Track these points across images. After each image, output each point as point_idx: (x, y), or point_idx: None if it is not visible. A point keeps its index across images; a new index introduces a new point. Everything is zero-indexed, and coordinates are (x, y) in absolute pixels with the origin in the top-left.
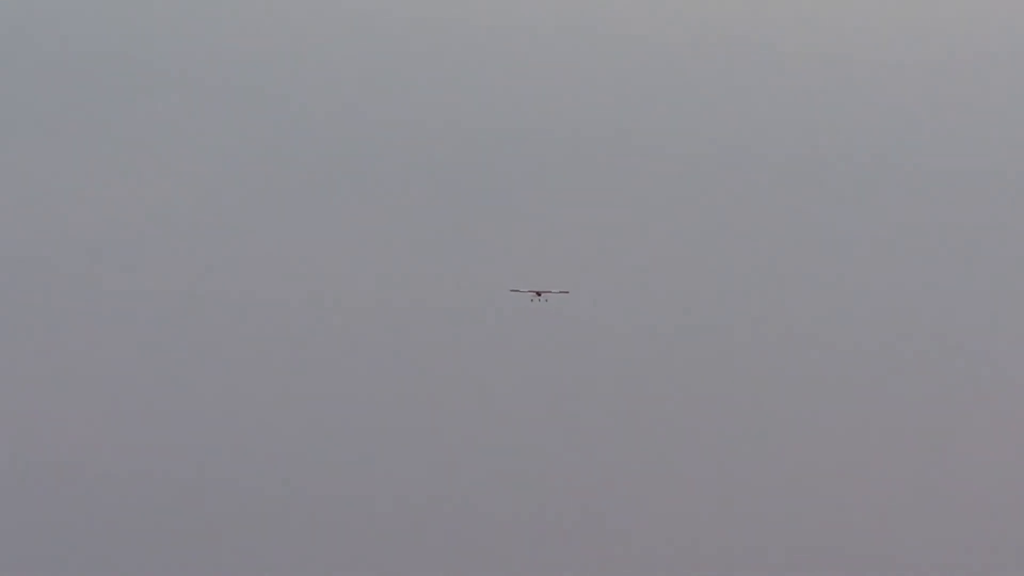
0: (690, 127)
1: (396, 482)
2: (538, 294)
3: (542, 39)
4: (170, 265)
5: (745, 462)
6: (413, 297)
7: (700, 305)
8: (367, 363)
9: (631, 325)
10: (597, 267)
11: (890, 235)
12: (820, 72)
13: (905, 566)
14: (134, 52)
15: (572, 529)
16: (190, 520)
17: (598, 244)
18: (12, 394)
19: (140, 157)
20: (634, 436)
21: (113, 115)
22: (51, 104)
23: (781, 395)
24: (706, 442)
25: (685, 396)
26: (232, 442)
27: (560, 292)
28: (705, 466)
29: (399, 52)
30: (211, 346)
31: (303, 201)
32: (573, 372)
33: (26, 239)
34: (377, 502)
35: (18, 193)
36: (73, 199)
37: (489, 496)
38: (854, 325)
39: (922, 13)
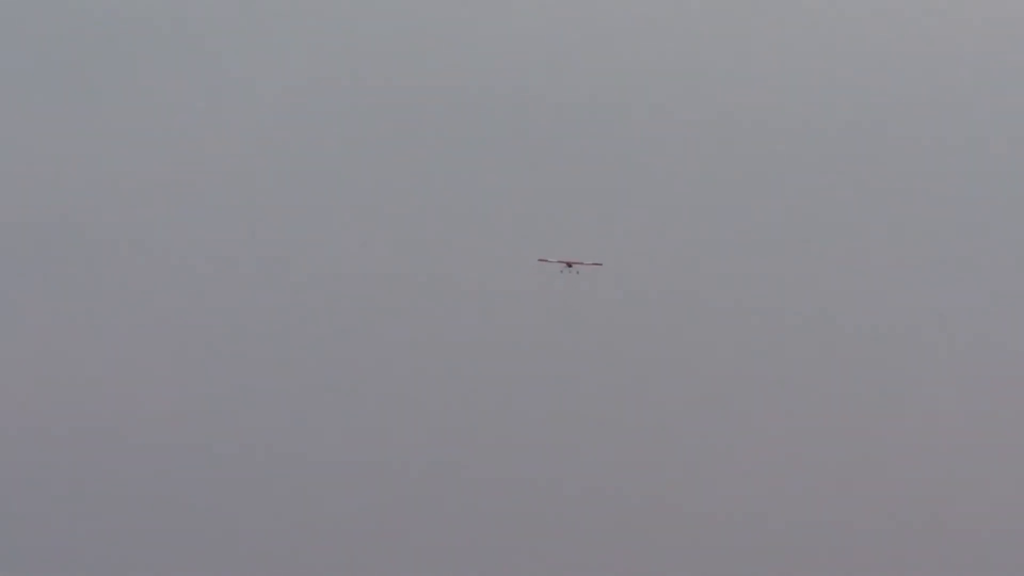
0: (737, 92)
1: (413, 461)
2: (569, 265)
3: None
4: (187, 238)
5: (786, 444)
6: (429, 266)
7: (746, 283)
8: (379, 339)
9: (669, 302)
10: (634, 238)
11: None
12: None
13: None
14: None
15: (595, 514)
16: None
17: (636, 212)
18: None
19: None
20: (667, 420)
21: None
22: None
23: (822, 375)
24: (746, 424)
25: (726, 378)
26: (239, 431)
27: (593, 264)
28: (747, 448)
29: (426, 15)
30: (210, 333)
31: (319, 169)
32: (603, 352)
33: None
34: (394, 482)
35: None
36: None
37: (510, 476)
38: (894, 309)
39: None
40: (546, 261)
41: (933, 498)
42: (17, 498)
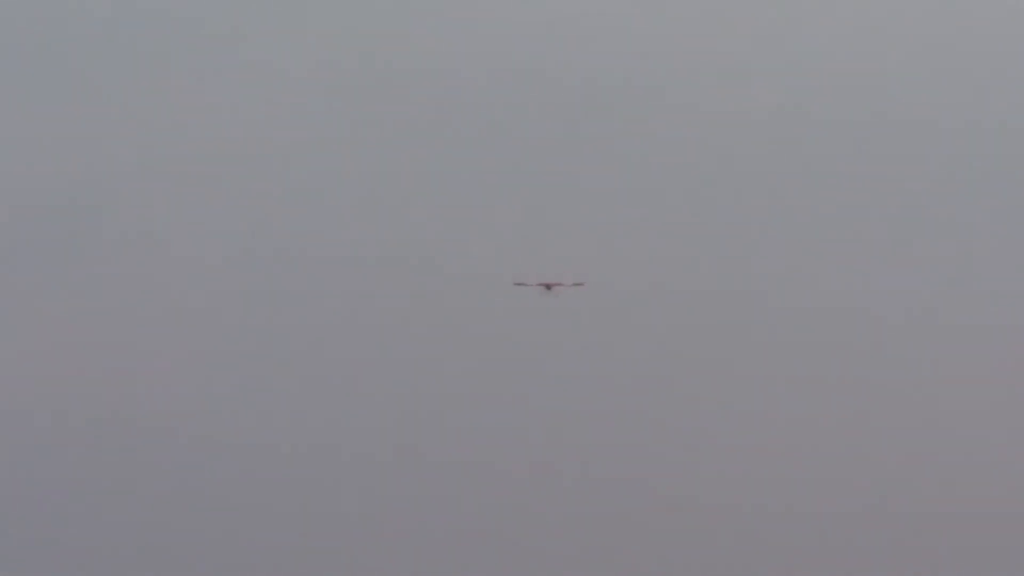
0: (724, 98)
1: (390, 490)
2: (548, 287)
3: (551, 18)
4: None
5: (770, 467)
6: (396, 292)
7: (735, 301)
8: (341, 368)
9: (657, 324)
10: (618, 256)
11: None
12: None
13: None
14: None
15: (575, 540)
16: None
17: (618, 228)
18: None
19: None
20: (654, 451)
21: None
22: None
23: (810, 393)
24: (731, 450)
25: (713, 403)
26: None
27: (575, 285)
28: (732, 475)
29: (403, 33)
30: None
31: (290, 184)
32: (589, 376)
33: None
34: (373, 509)
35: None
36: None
37: (487, 506)
38: (890, 322)
39: None
40: (523, 285)
41: (935, 496)
42: (19, 494)
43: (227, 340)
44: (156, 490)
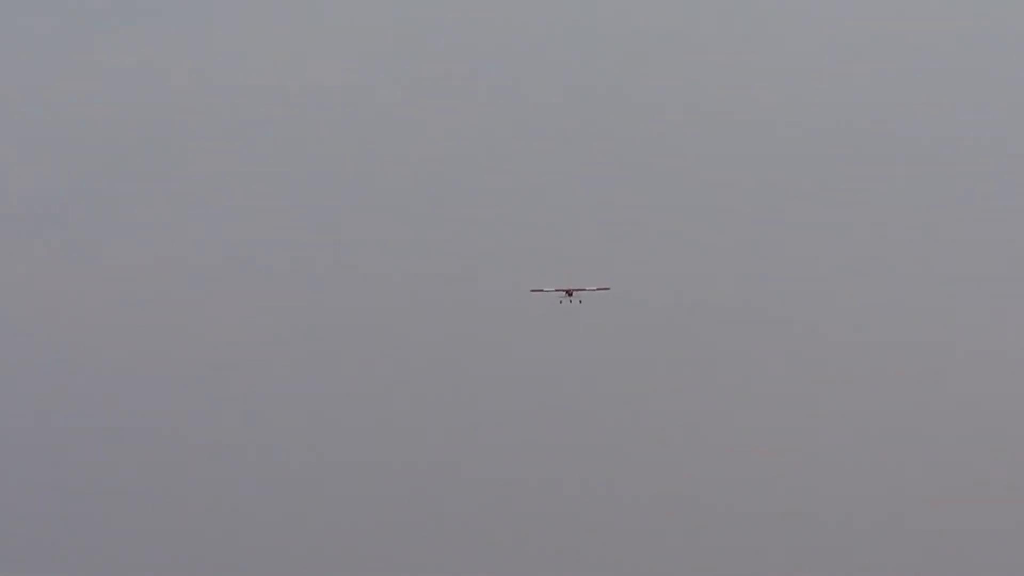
0: (736, 98)
1: (402, 491)
2: (568, 293)
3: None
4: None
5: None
6: (411, 300)
7: (739, 302)
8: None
9: (681, 328)
10: (642, 260)
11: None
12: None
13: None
14: None
15: (592, 542)
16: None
17: (642, 232)
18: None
19: None
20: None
21: None
22: None
23: (833, 396)
24: (752, 454)
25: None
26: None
27: (599, 289)
28: (753, 479)
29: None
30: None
31: (316, 191)
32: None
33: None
34: (385, 509)
35: None
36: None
37: (504, 512)
38: (911, 328)
39: None
40: (541, 291)
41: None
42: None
43: (256, 338)
44: (155, 490)
